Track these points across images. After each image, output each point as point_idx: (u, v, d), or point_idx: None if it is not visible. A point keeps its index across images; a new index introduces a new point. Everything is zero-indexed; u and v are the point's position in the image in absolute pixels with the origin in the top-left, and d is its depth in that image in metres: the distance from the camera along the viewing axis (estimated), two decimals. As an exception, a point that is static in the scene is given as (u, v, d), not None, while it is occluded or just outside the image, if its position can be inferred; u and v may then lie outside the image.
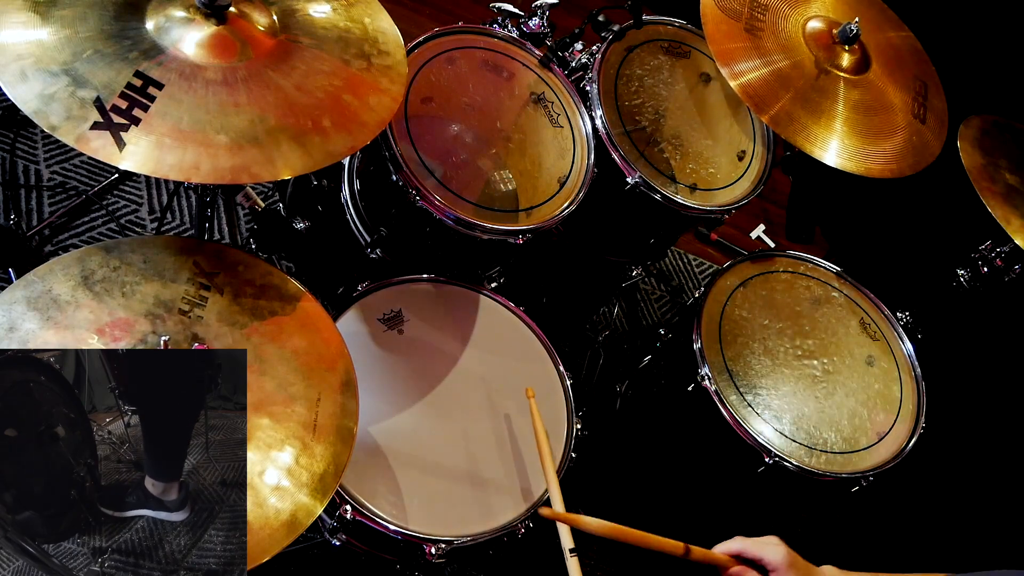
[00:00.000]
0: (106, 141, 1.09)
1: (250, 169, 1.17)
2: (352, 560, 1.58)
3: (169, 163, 1.12)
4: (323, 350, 1.30)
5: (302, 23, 1.37)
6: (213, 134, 1.16)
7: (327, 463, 1.18)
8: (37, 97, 1.09)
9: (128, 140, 1.10)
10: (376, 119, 1.33)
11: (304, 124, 1.24)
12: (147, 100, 1.14)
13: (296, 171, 1.21)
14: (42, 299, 1.18)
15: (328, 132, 1.26)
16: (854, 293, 1.97)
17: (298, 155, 1.21)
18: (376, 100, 1.35)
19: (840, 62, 1.80)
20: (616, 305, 2.60)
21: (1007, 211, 1.81)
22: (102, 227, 2.21)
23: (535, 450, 1.40)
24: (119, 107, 1.11)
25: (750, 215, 3.11)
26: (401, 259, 1.77)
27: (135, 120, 1.12)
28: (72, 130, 1.09)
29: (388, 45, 1.43)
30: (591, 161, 1.76)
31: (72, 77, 1.12)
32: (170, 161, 1.12)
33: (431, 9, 3.04)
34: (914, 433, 1.78)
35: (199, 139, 1.15)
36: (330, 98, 1.30)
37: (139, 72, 1.16)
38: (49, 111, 1.09)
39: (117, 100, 1.12)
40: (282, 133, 1.22)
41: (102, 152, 1.09)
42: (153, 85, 1.15)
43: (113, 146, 1.09)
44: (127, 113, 1.11)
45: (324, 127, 1.26)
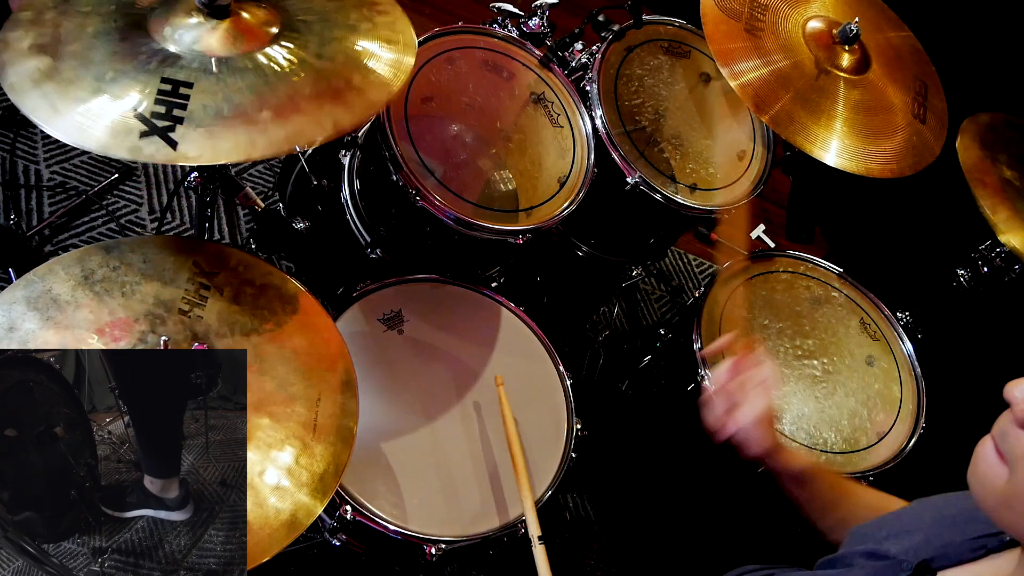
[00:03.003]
0: (159, 145, 1.11)
1: (303, 133, 1.20)
2: (352, 560, 1.58)
3: (225, 148, 1.14)
4: (323, 350, 1.30)
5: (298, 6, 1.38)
6: (256, 113, 1.18)
7: (327, 463, 1.18)
8: (76, 128, 1.10)
9: (178, 138, 1.12)
10: (402, 67, 1.36)
11: (337, 85, 1.27)
12: (182, 100, 1.16)
13: (345, 127, 1.24)
14: (42, 299, 1.18)
15: (361, 88, 1.29)
16: (854, 293, 1.97)
17: (342, 111, 1.24)
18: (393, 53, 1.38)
19: (840, 62, 1.80)
20: (616, 305, 2.60)
21: (995, 201, 1.80)
22: (102, 227, 2.21)
23: (535, 450, 1.41)
24: (159, 112, 1.13)
25: (750, 215, 3.11)
26: (401, 259, 1.77)
27: (178, 119, 1.14)
28: (123, 144, 1.10)
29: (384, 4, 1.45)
30: (591, 161, 1.76)
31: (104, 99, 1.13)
32: (225, 146, 1.14)
33: (431, 9, 3.04)
34: (914, 433, 1.78)
35: (245, 120, 1.17)
36: (350, 59, 1.33)
37: (165, 78, 1.18)
38: (94, 133, 1.10)
39: (154, 107, 1.14)
40: (320, 97, 1.24)
41: (159, 156, 1.11)
42: (183, 86, 1.18)
43: (167, 148, 1.11)
44: (168, 115, 1.14)
45: (356, 84, 1.29)
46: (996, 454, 0.67)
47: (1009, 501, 0.65)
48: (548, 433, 1.58)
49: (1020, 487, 0.64)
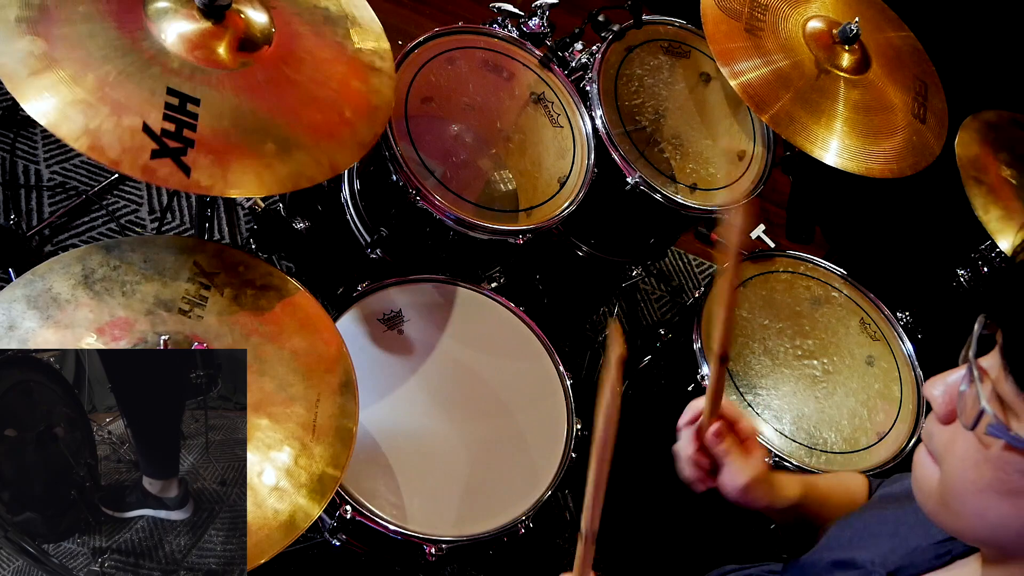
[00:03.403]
0: (171, 169, 1.08)
1: (306, 174, 1.20)
2: (352, 560, 1.58)
3: (235, 180, 1.13)
4: (323, 351, 1.30)
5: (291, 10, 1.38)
6: (261, 144, 1.18)
7: (326, 464, 1.18)
8: (85, 133, 1.06)
9: (191, 164, 1.09)
10: (383, 101, 1.37)
11: (332, 119, 1.28)
12: (191, 119, 1.13)
13: (340, 167, 1.25)
14: (42, 298, 1.18)
15: (352, 122, 1.30)
16: (854, 293, 1.97)
17: (336, 150, 1.25)
18: (377, 81, 1.38)
19: (840, 62, 1.80)
20: (616, 305, 2.60)
21: (987, 200, 1.80)
22: (102, 227, 2.21)
23: (535, 450, 1.40)
24: (168, 131, 1.10)
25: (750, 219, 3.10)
26: (401, 259, 1.77)
27: (189, 142, 1.10)
28: (135, 163, 1.06)
29: (364, 21, 1.45)
30: (591, 161, 1.76)
31: (110, 106, 1.09)
32: (235, 178, 1.13)
33: (431, 9, 3.04)
34: (914, 433, 1.78)
35: (252, 152, 1.16)
36: (343, 87, 1.33)
37: (171, 89, 1.14)
38: (104, 145, 1.06)
39: (164, 124, 1.10)
40: (317, 131, 1.25)
41: (172, 180, 1.08)
42: (190, 101, 1.14)
43: (180, 173, 1.08)
44: (179, 135, 1.10)
45: (348, 118, 1.30)
46: (928, 456, 0.67)
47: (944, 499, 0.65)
48: (548, 433, 1.58)
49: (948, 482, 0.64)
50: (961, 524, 0.65)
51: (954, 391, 0.64)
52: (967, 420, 0.61)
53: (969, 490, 0.62)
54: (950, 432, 0.64)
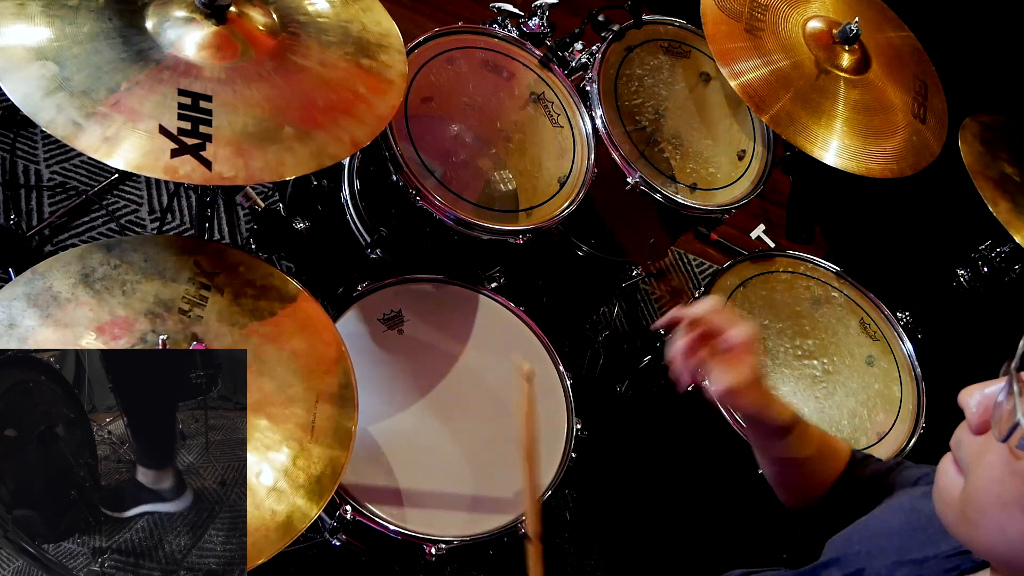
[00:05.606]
0: (193, 165, 1.09)
1: (328, 152, 1.21)
2: (352, 560, 1.58)
3: (258, 167, 1.14)
4: (323, 351, 1.30)
5: (302, 21, 1.38)
6: (278, 130, 1.19)
7: (324, 465, 1.18)
8: (103, 142, 1.07)
9: (211, 157, 1.11)
10: (397, 74, 1.38)
11: (346, 96, 1.29)
12: (205, 115, 1.14)
13: (362, 141, 1.25)
14: (42, 296, 1.18)
15: (367, 98, 1.31)
16: (854, 293, 1.97)
17: (355, 126, 1.26)
18: (387, 57, 1.40)
19: (840, 62, 1.80)
20: (616, 305, 2.60)
21: (996, 195, 1.81)
22: (102, 227, 2.21)
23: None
24: (184, 129, 1.11)
25: (750, 215, 3.11)
26: (401, 259, 1.76)
27: (207, 137, 1.12)
28: (156, 164, 1.08)
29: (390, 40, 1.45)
30: (591, 161, 1.76)
31: (125, 114, 1.10)
32: (258, 165, 1.14)
33: (431, 9, 3.04)
34: (914, 433, 1.78)
35: (271, 137, 1.18)
36: (352, 66, 1.34)
37: (182, 90, 1.16)
38: (124, 151, 1.08)
39: (180, 123, 1.11)
40: (333, 110, 1.26)
41: (195, 175, 1.09)
42: (202, 99, 1.16)
43: (201, 167, 1.09)
44: (195, 132, 1.12)
45: (363, 94, 1.31)
46: (954, 465, 0.67)
47: (964, 510, 0.64)
48: (548, 433, 1.58)
49: (971, 493, 0.63)
50: (979, 537, 0.64)
51: (990, 402, 0.63)
52: (1001, 432, 0.60)
53: (993, 503, 0.62)
54: (980, 443, 0.64)
